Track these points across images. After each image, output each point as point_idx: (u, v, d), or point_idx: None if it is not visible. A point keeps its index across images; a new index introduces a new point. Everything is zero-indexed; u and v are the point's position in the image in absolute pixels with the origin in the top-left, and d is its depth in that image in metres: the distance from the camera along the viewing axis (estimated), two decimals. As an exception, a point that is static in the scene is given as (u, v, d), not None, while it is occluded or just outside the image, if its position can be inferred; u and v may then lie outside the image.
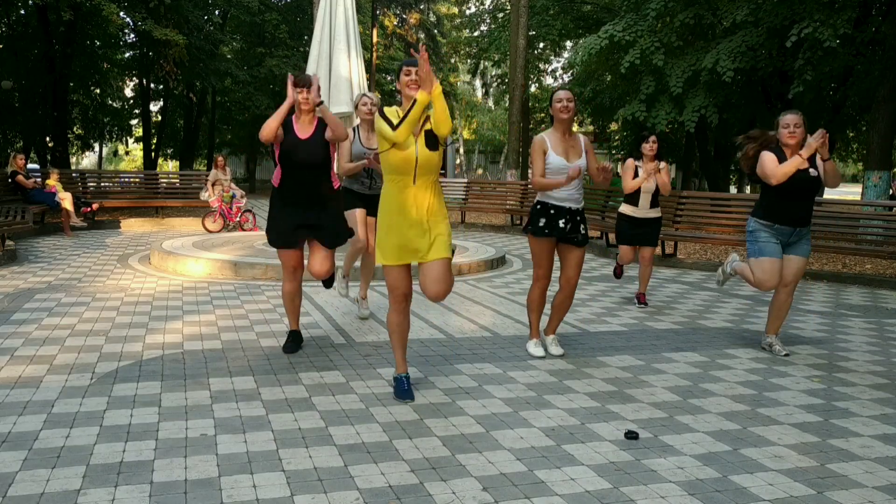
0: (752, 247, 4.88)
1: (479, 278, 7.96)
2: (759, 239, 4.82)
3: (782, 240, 4.82)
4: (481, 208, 14.87)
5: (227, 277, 7.46)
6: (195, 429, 3.24)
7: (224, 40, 24.92)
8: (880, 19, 14.13)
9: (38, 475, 2.73)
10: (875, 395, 4.05)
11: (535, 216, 4.63)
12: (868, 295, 7.70)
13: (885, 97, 12.16)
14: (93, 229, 12.36)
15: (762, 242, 4.80)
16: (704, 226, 10.11)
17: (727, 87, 14.69)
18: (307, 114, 4.42)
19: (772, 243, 4.80)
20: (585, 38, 16.65)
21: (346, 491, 2.66)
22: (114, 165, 50.82)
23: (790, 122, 4.66)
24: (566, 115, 4.51)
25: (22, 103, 21.43)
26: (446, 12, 37.90)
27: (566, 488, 2.74)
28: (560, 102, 4.51)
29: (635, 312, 6.27)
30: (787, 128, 4.66)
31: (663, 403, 3.80)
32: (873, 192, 12.23)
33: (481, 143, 47.34)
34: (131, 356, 4.40)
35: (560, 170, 4.50)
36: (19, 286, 6.68)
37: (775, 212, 4.74)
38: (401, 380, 3.80)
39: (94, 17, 18.42)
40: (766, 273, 4.79)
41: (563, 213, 4.56)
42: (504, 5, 24.76)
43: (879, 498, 2.74)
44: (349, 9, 8.48)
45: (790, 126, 4.65)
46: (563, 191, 4.53)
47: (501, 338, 5.18)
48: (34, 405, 3.49)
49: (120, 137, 29.14)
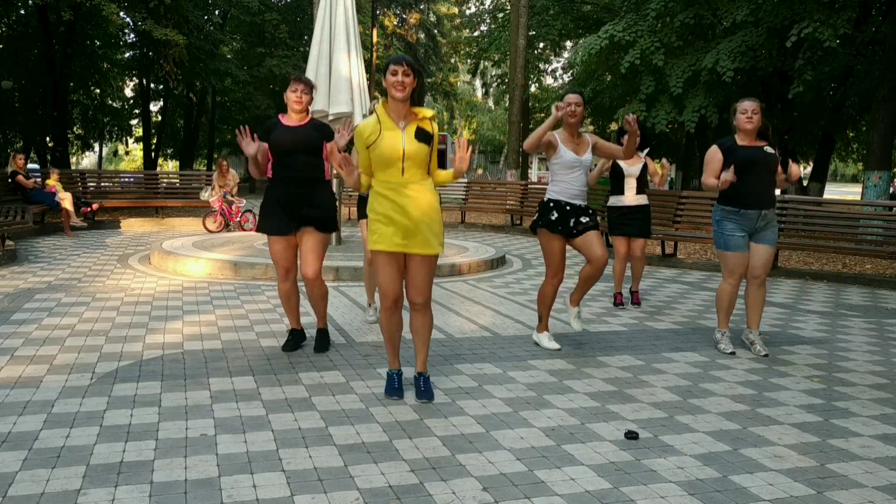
0: (718, 239, 4.91)
1: (479, 278, 7.96)
2: (725, 230, 4.84)
3: (749, 227, 4.81)
4: (481, 208, 14.87)
5: (227, 277, 7.46)
6: (195, 429, 3.24)
7: (224, 40, 24.93)
8: (880, 19, 14.14)
9: (38, 475, 2.73)
10: (875, 395, 4.05)
11: (545, 211, 4.72)
12: (868, 295, 7.70)
13: (885, 97, 12.16)
14: (93, 229, 12.35)
15: (727, 234, 4.83)
16: (704, 226, 10.10)
17: (727, 87, 14.69)
18: (297, 114, 4.41)
19: (737, 235, 4.82)
20: (585, 38, 16.66)
21: (346, 491, 2.66)
22: (114, 165, 50.82)
23: (748, 108, 4.73)
24: (574, 120, 4.65)
25: (22, 103, 21.45)
26: (446, 12, 37.91)
27: (566, 488, 2.74)
28: (569, 107, 4.62)
29: (635, 312, 6.27)
30: (745, 113, 4.74)
31: (663, 403, 3.80)
32: (873, 192, 12.24)
33: (481, 143, 47.36)
34: (131, 356, 4.40)
35: (572, 163, 4.64)
36: (19, 286, 6.68)
37: (738, 194, 4.75)
38: (391, 376, 3.78)
39: (94, 17, 18.43)
40: (730, 267, 4.86)
41: (574, 209, 4.67)
42: (504, 5, 24.76)
43: (879, 498, 2.74)
44: (349, 9, 8.48)
45: (748, 112, 4.72)
46: (571, 188, 4.68)
47: (501, 338, 5.18)
48: (34, 405, 3.49)
49: (120, 137, 29.16)
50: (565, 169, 4.65)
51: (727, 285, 4.93)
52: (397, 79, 3.45)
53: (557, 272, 4.75)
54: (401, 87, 3.45)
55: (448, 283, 7.54)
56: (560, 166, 4.66)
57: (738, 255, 4.84)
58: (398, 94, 3.46)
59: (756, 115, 4.71)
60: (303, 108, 4.41)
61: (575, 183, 4.68)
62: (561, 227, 4.64)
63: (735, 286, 4.93)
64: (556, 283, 4.78)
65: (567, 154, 4.63)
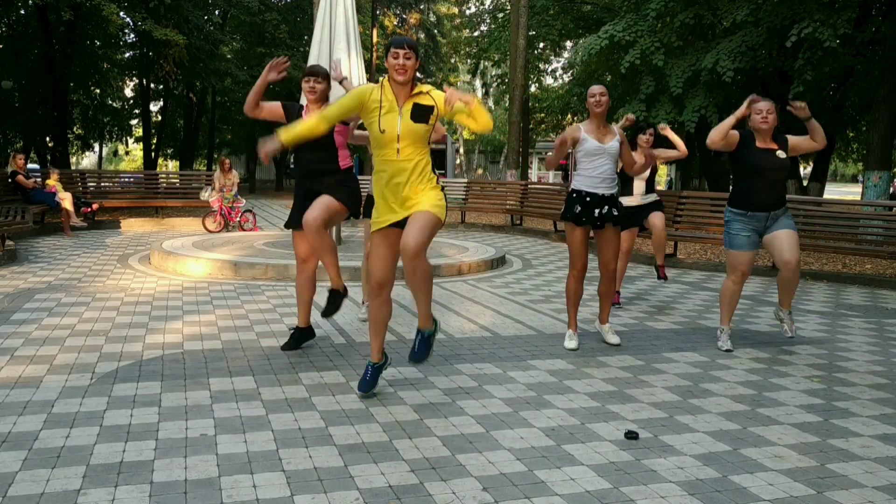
0: (726, 237, 5.02)
1: (479, 278, 7.96)
2: (732, 230, 4.93)
3: (758, 227, 4.86)
4: (481, 208, 14.87)
5: (227, 277, 7.46)
6: (195, 429, 3.24)
7: (224, 40, 24.91)
8: (880, 19, 14.14)
9: (38, 475, 2.73)
10: (875, 395, 4.05)
11: (570, 203, 4.81)
12: (868, 295, 7.69)
13: (885, 97, 12.16)
14: (93, 229, 12.35)
15: (733, 234, 4.92)
16: (704, 226, 10.11)
17: (727, 87, 14.69)
18: (315, 104, 4.47)
19: (742, 235, 4.88)
20: (585, 38, 16.66)
21: (346, 491, 2.66)
22: (114, 165, 50.81)
23: (763, 108, 4.77)
24: (599, 110, 4.74)
25: (22, 103, 21.43)
26: (446, 12, 37.91)
27: (566, 488, 2.74)
28: (593, 97, 4.75)
29: (635, 312, 6.27)
30: (760, 114, 4.77)
31: (663, 403, 3.80)
32: (873, 192, 12.23)
33: (481, 143, 47.36)
34: (131, 356, 4.40)
35: (595, 151, 4.72)
36: (19, 286, 6.68)
37: (746, 197, 4.81)
38: (367, 367, 3.76)
39: (94, 17, 18.41)
40: (732, 263, 4.95)
41: (596, 200, 4.74)
42: (504, 5, 24.74)
43: (879, 498, 2.74)
44: (349, 9, 8.48)
45: (762, 112, 4.76)
46: (594, 175, 4.74)
47: (501, 338, 5.18)
48: (34, 405, 3.49)
49: (120, 137, 29.15)
50: (588, 157, 4.73)
51: (729, 282, 5.01)
52: (399, 62, 3.43)
53: (576, 262, 4.82)
54: (402, 71, 3.44)
55: (448, 283, 7.54)
56: (583, 154, 4.74)
57: (740, 254, 4.90)
58: (400, 78, 3.45)
59: (771, 114, 4.75)
60: (318, 98, 4.46)
61: (598, 171, 4.74)
62: (586, 219, 4.74)
63: (737, 283, 4.98)
64: (576, 275, 4.85)
65: (589, 141, 4.70)
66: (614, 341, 4.98)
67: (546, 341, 5.08)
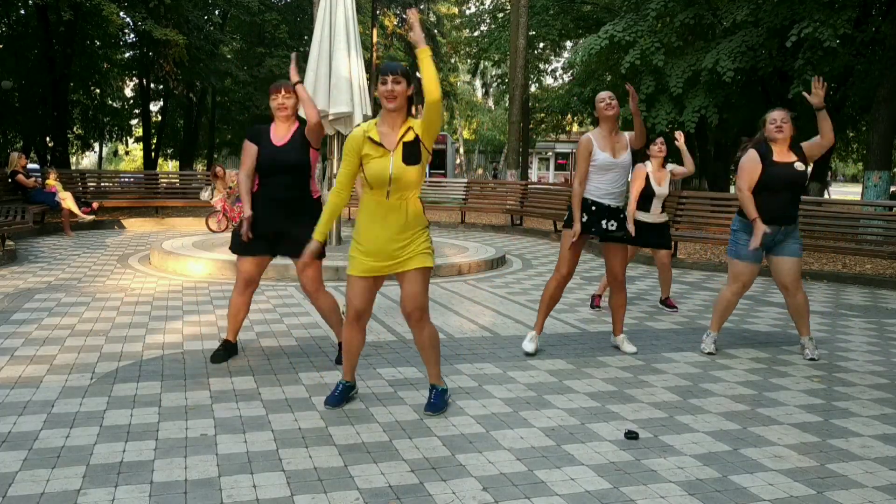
0: (731, 246, 4.92)
1: (479, 278, 7.96)
2: (740, 240, 4.82)
3: (767, 241, 4.75)
4: (481, 208, 14.86)
5: (227, 277, 7.45)
6: (195, 429, 3.24)
7: (224, 40, 24.90)
8: (880, 19, 14.14)
9: (38, 475, 2.73)
10: (875, 395, 4.05)
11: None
12: (868, 295, 7.69)
13: (885, 97, 12.16)
14: (93, 229, 12.36)
15: (741, 245, 4.81)
16: (704, 226, 10.11)
17: (727, 87, 14.70)
18: (284, 121, 4.19)
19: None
20: (585, 38, 16.68)
21: (346, 491, 2.66)
22: (114, 165, 50.80)
23: (777, 117, 4.70)
24: (611, 113, 4.68)
25: (22, 103, 21.43)
26: (446, 12, 37.89)
27: (566, 488, 2.74)
28: (603, 102, 4.69)
29: (635, 312, 6.27)
30: (774, 123, 4.70)
31: (663, 403, 3.80)
32: (873, 192, 12.23)
33: (481, 143, 47.37)
34: (131, 356, 4.40)
35: (606, 166, 4.65)
36: (19, 286, 6.68)
37: (760, 209, 4.69)
38: (337, 385, 3.68)
39: (94, 17, 18.41)
40: (734, 273, 4.88)
41: (603, 210, 4.69)
42: (504, 5, 24.74)
43: (879, 498, 2.74)
44: (349, 9, 8.47)
45: (777, 121, 4.69)
46: (602, 187, 4.68)
47: (501, 338, 5.18)
48: (34, 405, 3.49)
49: (120, 137, 29.13)
50: (600, 171, 4.65)
51: (728, 291, 4.93)
52: (387, 88, 3.26)
53: (562, 267, 4.75)
54: (391, 97, 3.26)
55: (448, 283, 7.54)
56: (595, 169, 4.65)
57: (744, 265, 4.82)
58: (390, 105, 3.27)
59: (786, 123, 4.66)
60: (290, 114, 4.18)
61: (608, 184, 4.68)
62: (594, 230, 4.69)
63: (736, 295, 4.91)
64: (559, 279, 4.76)
65: (600, 156, 4.63)
66: (631, 350, 4.88)
67: (546, 341, 5.08)
